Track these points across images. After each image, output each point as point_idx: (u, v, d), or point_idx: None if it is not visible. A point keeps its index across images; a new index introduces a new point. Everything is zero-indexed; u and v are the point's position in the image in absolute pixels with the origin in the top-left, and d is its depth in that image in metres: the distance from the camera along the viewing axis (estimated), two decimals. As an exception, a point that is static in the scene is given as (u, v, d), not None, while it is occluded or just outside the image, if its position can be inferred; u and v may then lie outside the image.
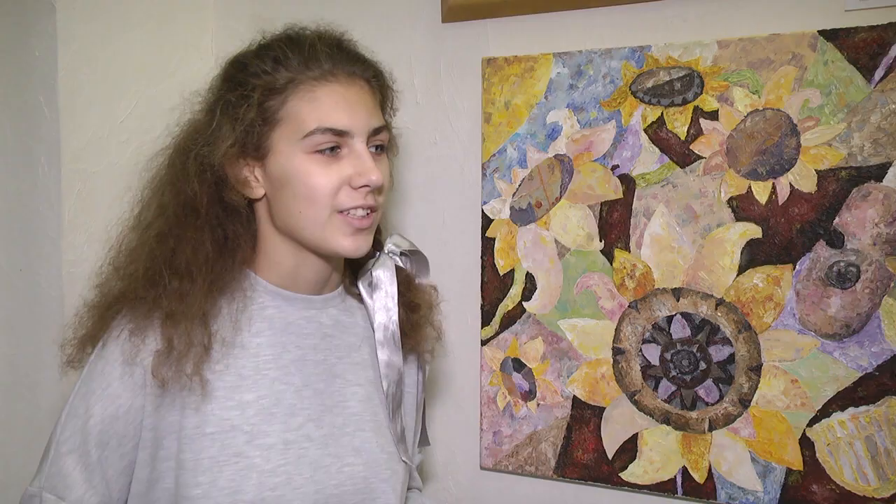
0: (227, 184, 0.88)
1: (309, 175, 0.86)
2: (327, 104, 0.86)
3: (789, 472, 1.06)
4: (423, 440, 1.14)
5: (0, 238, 1.25)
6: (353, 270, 1.02)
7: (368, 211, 0.89)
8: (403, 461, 0.98)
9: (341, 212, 0.87)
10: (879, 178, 1.00)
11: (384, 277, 0.99)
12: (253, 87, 0.86)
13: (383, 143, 0.92)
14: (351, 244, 0.88)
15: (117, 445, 0.86)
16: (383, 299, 0.98)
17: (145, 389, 0.86)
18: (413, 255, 1.04)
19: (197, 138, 0.88)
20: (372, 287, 0.99)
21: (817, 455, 1.04)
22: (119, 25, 1.26)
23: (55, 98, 1.19)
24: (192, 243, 0.87)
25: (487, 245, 1.24)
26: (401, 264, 1.02)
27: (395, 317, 0.99)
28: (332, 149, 0.86)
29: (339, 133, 0.86)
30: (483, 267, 1.24)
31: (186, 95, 0.94)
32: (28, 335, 1.24)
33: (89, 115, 1.22)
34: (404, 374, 1.03)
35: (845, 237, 1.02)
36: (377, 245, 1.01)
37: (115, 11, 1.26)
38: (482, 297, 1.25)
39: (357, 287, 1.00)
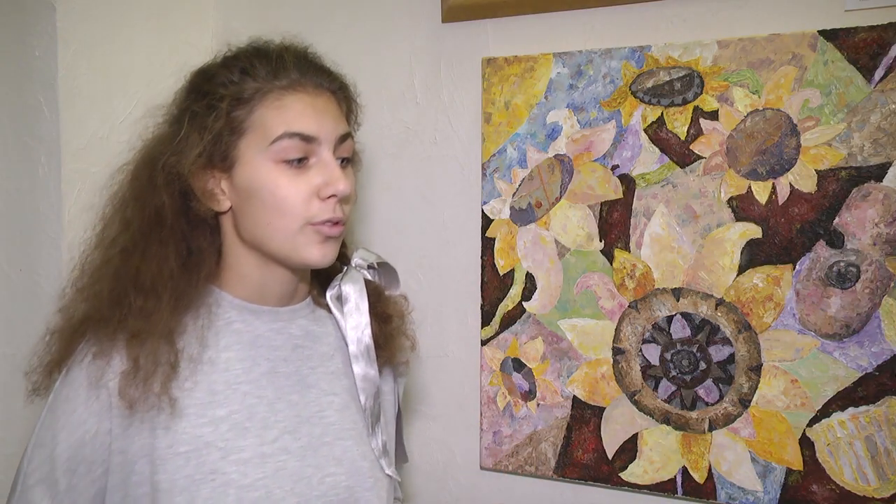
0: (192, 196, 0.87)
1: (277, 186, 0.84)
2: (295, 111, 0.85)
3: (789, 472, 1.06)
4: (402, 456, 1.11)
5: (0, 238, 1.25)
6: (320, 283, 1.01)
7: (337, 221, 0.88)
8: (387, 474, 0.96)
9: (313, 224, 0.86)
10: (879, 178, 1.00)
11: (353, 291, 0.98)
12: (220, 96, 0.85)
13: (349, 154, 0.92)
14: (319, 253, 0.87)
15: (86, 472, 0.84)
16: (354, 313, 0.97)
17: (111, 412, 0.83)
18: (381, 267, 1.03)
19: (163, 150, 0.87)
20: (341, 301, 0.98)
21: (817, 455, 1.04)
22: (119, 25, 1.26)
23: (55, 98, 1.18)
24: (157, 259, 0.86)
25: (487, 245, 1.24)
26: (369, 277, 1.01)
27: (368, 329, 0.97)
28: (299, 160, 0.85)
29: (307, 139, 0.85)
30: (483, 267, 1.24)
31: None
32: (28, 335, 1.24)
33: (89, 115, 1.22)
34: (381, 386, 1.01)
35: (845, 237, 1.02)
36: (343, 259, 1.01)
37: (115, 11, 1.26)
38: (482, 297, 1.25)
39: (325, 300, 0.99)
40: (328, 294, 0.99)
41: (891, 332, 1.00)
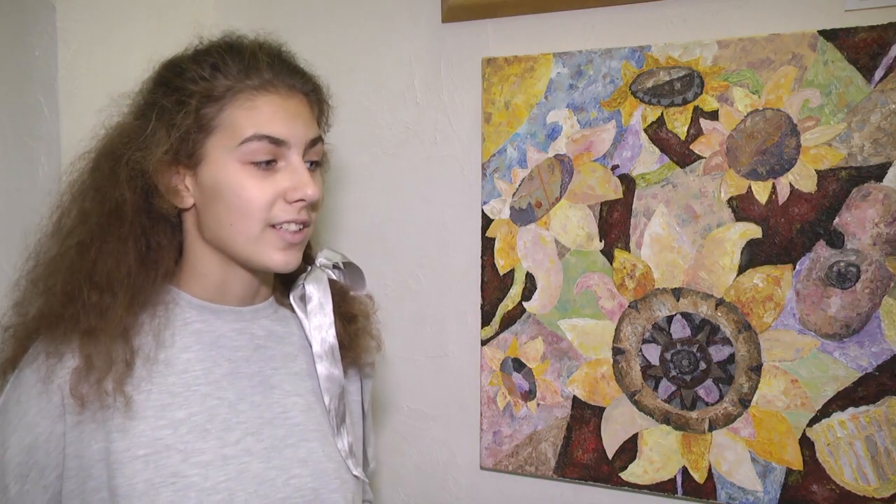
0: (156, 192, 0.84)
1: (242, 187, 0.83)
2: (265, 113, 0.83)
3: (789, 472, 1.06)
4: (366, 461, 1.07)
5: (0, 238, 1.25)
6: (283, 283, 0.99)
7: (301, 226, 0.86)
8: (355, 475, 0.95)
9: (274, 226, 0.84)
10: (879, 178, 1.00)
11: (317, 290, 0.96)
12: (190, 93, 0.83)
13: (318, 157, 0.90)
14: (281, 259, 0.86)
15: (38, 477, 0.81)
16: (317, 312, 0.96)
17: (65, 415, 0.80)
18: (347, 267, 1.02)
19: (128, 143, 0.84)
20: (304, 301, 0.97)
21: (817, 455, 1.04)
22: (119, 25, 1.26)
23: (55, 98, 1.18)
24: (115, 255, 0.83)
25: (487, 245, 1.24)
26: (334, 277, 1.00)
27: (332, 329, 0.96)
28: (267, 162, 0.84)
29: (276, 142, 0.83)
30: (483, 267, 1.24)
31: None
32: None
33: (89, 115, 1.22)
34: (346, 387, 1.00)
35: (845, 237, 1.02)
36: (307, 259, 0.99)
37: (115, 11, 1.26)
38: (482, 297, 1.25)
39: (289, 300, 0.98)
40: (291, 294, 0.97)
41: (891, 332, 1.00)
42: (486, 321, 1.24)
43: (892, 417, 1.00)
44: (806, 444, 1.05)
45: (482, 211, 1.24)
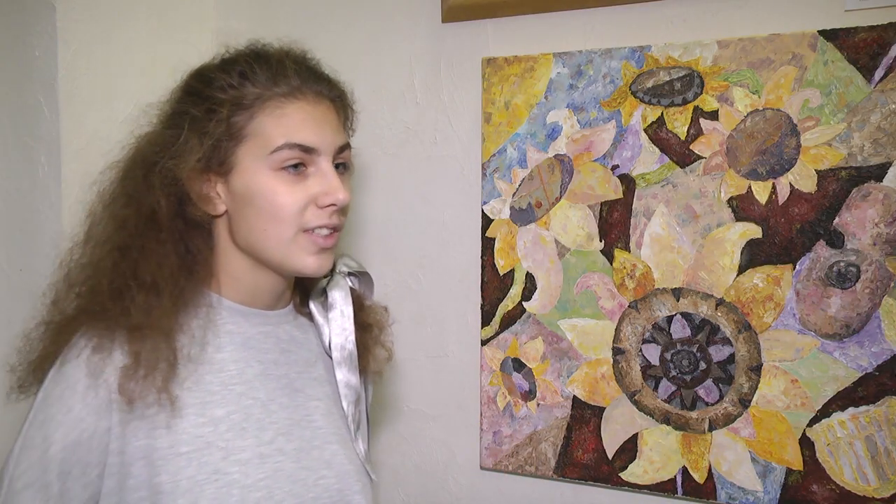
0: (188, 200, 0.86)
1: (275, 193, 0.84)
2: (295, 120, 0.85)
3: (789, 472, 1.06)
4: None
5: (0, 238, 1.25)
6: (302, 289, 1.01)
7: (332, 230, 0.88)
8: (371, 478, 0.97)
9: (306, 230, 0.86)
10: (879, 178, 1.00)
11: (339, 298, 0.98)
12: (220, 101, 0.84)
13: (346, 161, 0.92)
14: (315, 263, 0.87)
15: (80, 474, 0.80)
16: (339, 319, 0.97)
17: (111, 410, 0.81)
18: (360, 275, 1.04)
19: (160, 151, 0.86)
20: (326, 307, 0.98)
21: (817, 455, 1.04)
22: (119, 25, 1.26)
23: (55, 98, 1.18)
24: (157, 257, 0.85)
25: (487, 245, 1.24)
26: (351, 284, 1.01)
27: (352, 337, 0.97)
28: (296, 166, 0.85)
29: (307, 150, 0.85)
30: (483, 267, 1.24)
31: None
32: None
33: (89, 115, 1.22)
34: (361, 394, 1.01)
35: (845, 237, 1.02)
36: None
37: (115, 11, 1.26)
38: (482, 297, 1.25)
39: (308, 306, 0.99)
40: (312, 300, 0.99)
41: (891, 332, 1.00)
42: (486, 321, 1.24)
43: (892, 417, 1.00)
44: (806, 444, 1.05)
45: (482, 211, 1.24)
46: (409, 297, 1.32)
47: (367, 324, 1.02)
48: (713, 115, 1.08)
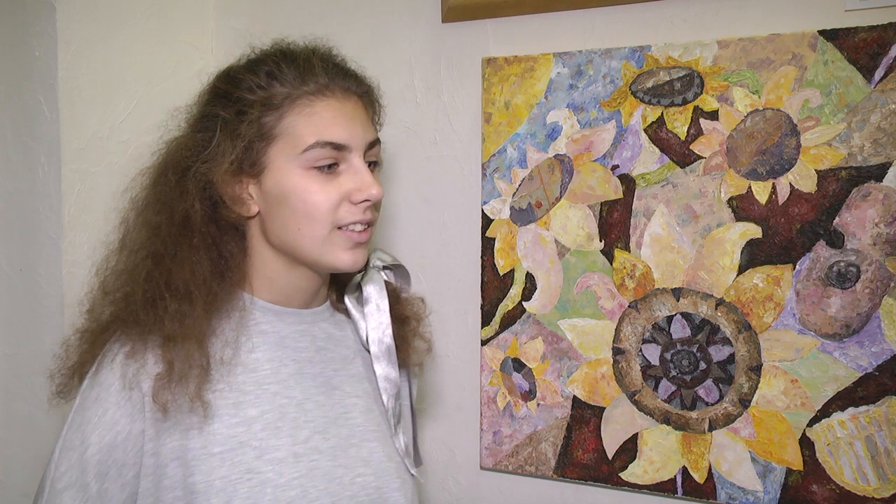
0: (221, 202, 0.87)
1: (308, 192, 0.85)
2: (326, 118, 0.86)
3: (789, 472, 1.06)
4: (417, 459, 1.10)
5: (0, 238, 1.25)
6: (338, 286, 1.01)
7: (367, 225, 0.89)
8: (412, 474, 0.97)
9: (340, 227, 0.87)
10: (879, 178, 1.00)
11: (374, 292, 0.98)
12: (250, 102, 0.85)
13: (376, 158, 0.92)
14: (350, 258, 0.88)
15: (117, 475, 0.82)
16: (375, 314, 0.98)
17: (144, 413, 0.82)
18: (395, 269, 1.04)
19: (191, 155, 0.86)
20: (362, 302, 0.98)
21: (817, 455, 1.04)
22: (119, 25, 1.26)
23: (55, 98, 1.19)
24: (190, 264, 0.85)
25: (487, 245, 1.24)
26: (386, 278, 1.02)
27: (389, 330, 0.98)
28: (329, 166, 0.86)
29: (338, 147, 0.86)
30: (483, 267, 1.24)
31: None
32: (28, 335, 1.24)
33: (89, 115, 1.22)
34: (401, 387, 1.02)
35: (845, 237, 1.02)
36: None
37: (115, 11, 1.26)
38: (482, 297, 1.25)
39: (344, 302, 0.99)
40: (347, 296, 0.99)
41: (891, 332, 1.00)
42: (486, 321, 1.24)
43: (892, 417, 1.00)
44: (806, 444, 1.05)
45: (482, 211, 1.24)
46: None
47: (404, 316, 1.03)
48: (713, 115, 1.08)
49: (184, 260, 0.85)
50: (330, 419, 0.91)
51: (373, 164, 0.91)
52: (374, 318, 0.98)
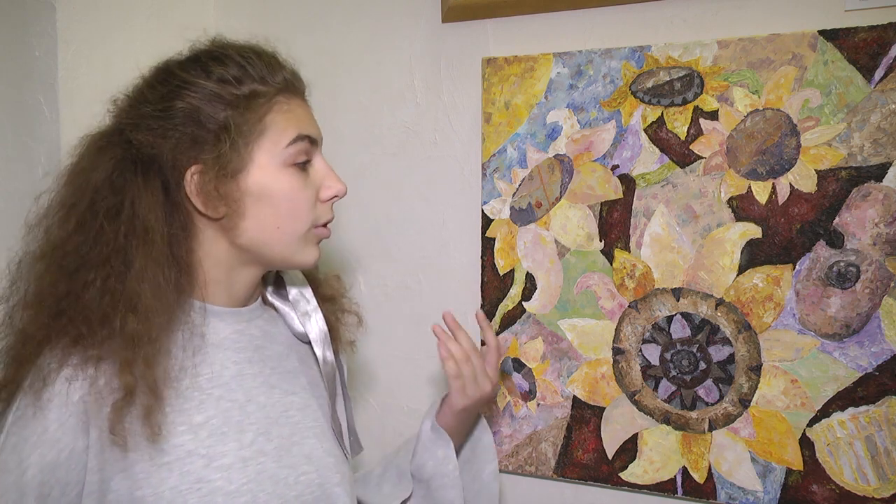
0: (181, 205, 0.82)
1: (292, 189, 0.84)
2: (298, 114, 0.86)
3: (789, 472, 1.06)
4: (356, 447, 1.09)
5: (0, 238, 1.25)
6: (262, 282, 0.99)
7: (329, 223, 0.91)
8: (347, 459, 0.97)
9: (317, 226, 0.88)
10: (879, 178, 1.00)
11: (296, 280, 1.00)
12: (226, 101, 0.82)
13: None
14: (315, 255, 0.90)
15: (60, 495, 0.78)
16: (300, 301, 0.99)
17: (88, 429, 0.78)
18: None
19: (155, 153, 0.81)
20: (283, 295, 0.99)
21: (817, 455, 1.04)
22: (119, 25, 1.26)
23: (55, 98, 1.19)
24: (150, 276, 0.79)
25: (487, 245, 1.24)
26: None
27: (319, 313, 0.99)
28: (304, 163, 0.86)
29: (312, 141, 0.86)
30: (483, 267, 1.24)
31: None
32: None
33: (89, 115, 1.22)
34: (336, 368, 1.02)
35: (845, 237, 1.02)
36: None
37: (115, 11, 1.26)
38: (482, 297, 1.25)
39: (270, 298, 0.99)
40: (268, 291, 0.99)
41: (891, 332, 1.00)
42: (486, 321, 1.24)
43: (892, 417, 1.00)
44: (806, 444, 1.05)
45: (482, 211, 1.24)
46: (409, 297, 1.32)
47: (327, 296, 1.03)
48: (713, 115, 1.08)
49: (145, 273, 0.79)
50: (272, 419, 0.89)
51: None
52: (301, 306, 0.98)
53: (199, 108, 0.81)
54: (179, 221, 0.83)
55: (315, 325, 0.98)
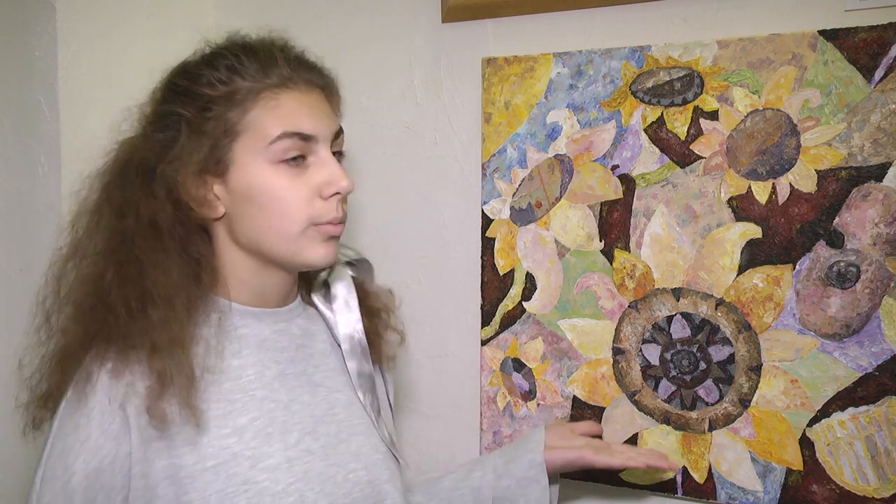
0: (186, 204, 0.84)
1: (277, 188, 0.82)
2: (291, 110, 0.83)
3: (789, 472, 1.06)
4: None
5: (0, 238, 1.25)
6: (305, 282, 0.99)
7: (340, 222, 0.87)
8: (398, 461, 0.97)
9: (317, 225, 0.85)
10: (879, 178, 1.00)
11: (342, 288, 0.97)
12: (211, 98, 0.82)
13: (341, 149, 0.90)
14: (323, 251, 0.86)
15: (105, 500, 0.79)
16: (343, 310, 0.97)
17: (130, 434, 0.79)
18: (359, 263, 1.03)
19: (153, 157, 0.83)
20: (329, 299, 0.97)
21: (817, 455, 1.04)
22: (119, 25, 1.26)
23: (55, 98, 1.19)
24: (164, 269, 0.82)
25: (487, 245, 1.24)
26: (352, 273, 1.01)
27: (360, 325, 0.97)
28: (295, 158, 0.83)
29: (306, 138, 0.83)
30: (483, 267, 1.24)
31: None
32: (28, 336, 1.24)
33: (89, 115, 1.22)
34: (376, 381, 1.01)
35: (845, 237, 1.02)
36: None
37: (115, 11, 1.26)
38: (482, 297, 1.25)
39: (312, 299, 0.98)
40: (314, 293, 0.98)
41: (891, 332, 1.00)
42: (486, 321, 1.24)
43: (892, 417, 1.00)
44: (806, 444, 1.05)
45: (482, 211, 1.24)
46: (409, 297, 1.32)
47: (374, 309, 1.02)
48: (713, 115, 1.08)
49: (157, 265, 0.81)
50: (317, 418, 0.90)
51: (338, 155, 0.89)
52: (343, 314, 0.97)
53: (185, 115, 0.83)
54: (185, 220, 0.85)
55: (349, 337, 0.96)
